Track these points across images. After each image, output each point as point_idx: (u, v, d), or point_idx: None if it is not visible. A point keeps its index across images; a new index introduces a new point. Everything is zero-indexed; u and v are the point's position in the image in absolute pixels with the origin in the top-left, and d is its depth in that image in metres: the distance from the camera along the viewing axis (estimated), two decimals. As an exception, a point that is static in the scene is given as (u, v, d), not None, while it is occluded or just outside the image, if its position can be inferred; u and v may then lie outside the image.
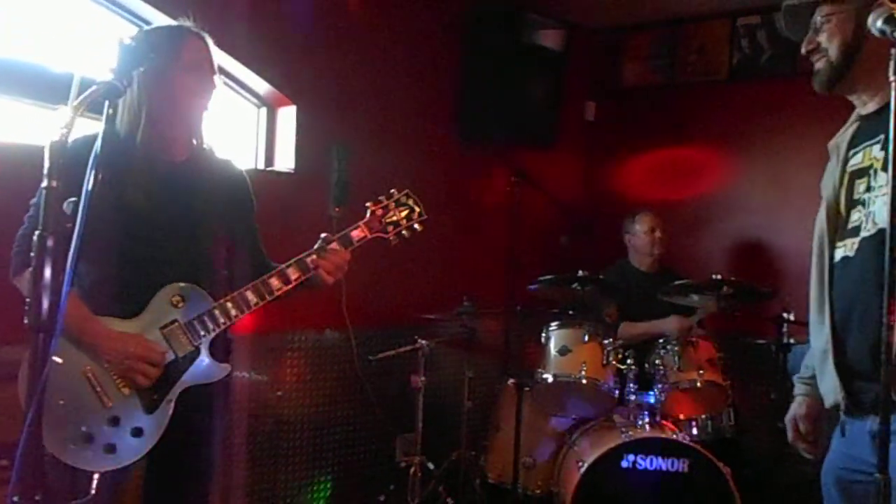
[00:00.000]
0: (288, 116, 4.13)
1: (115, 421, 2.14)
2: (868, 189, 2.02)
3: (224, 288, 2.32)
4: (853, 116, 2.17)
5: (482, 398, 4.32)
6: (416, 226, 2.53)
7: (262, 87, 4.04)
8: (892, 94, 1.60)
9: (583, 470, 3.53)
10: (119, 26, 3.57)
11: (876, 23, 1.66)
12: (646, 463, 3.54)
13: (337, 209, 4.15)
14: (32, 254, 1.39)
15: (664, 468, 3.54)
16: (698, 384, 3.77)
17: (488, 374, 4.45)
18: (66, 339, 2.11)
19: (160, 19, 3.42)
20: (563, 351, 3.84)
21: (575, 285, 3.92)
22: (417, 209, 2.53)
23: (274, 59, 3.96)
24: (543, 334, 3.96)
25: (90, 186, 1.35)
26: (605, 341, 3.84)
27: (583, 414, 3.92)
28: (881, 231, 1.93)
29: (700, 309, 3.89)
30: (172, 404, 2.21)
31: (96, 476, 2.13)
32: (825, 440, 2.25)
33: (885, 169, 1.96)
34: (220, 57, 2.37)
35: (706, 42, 5.00)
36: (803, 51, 2.09)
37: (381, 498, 4.21)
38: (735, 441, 4.05)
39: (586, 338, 3.83)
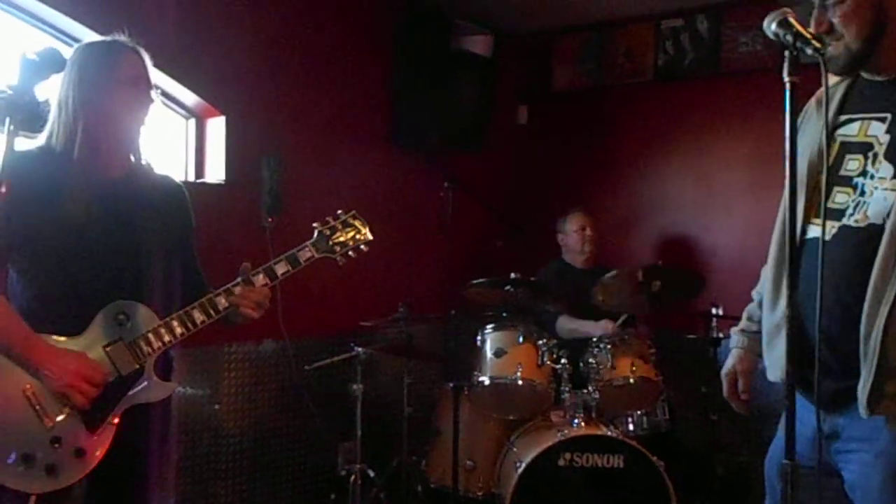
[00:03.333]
0: (217, 127, 4.10)
1: (56, 441, 2.11)
2: (863, 173, 1.90)
3: (167, 305, 2.30)
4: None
5: (422, 403, 4.32)
6: (363, 246, 2.52)
7: (189, 98, 4.01)
8: (787, 96, 1.66)
9: (520, 470, 3.57)
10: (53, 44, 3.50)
11: (770, 26, 1.68)
12: (582, 460, 3.60)
13: (270, 219, 4.14)
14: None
15: (600, 465, 3.60)
16: (631, 380, 3.84)
17: (427, 379, 4.47)
18: (5, 357, 2.09)
19: (90, 37, 3.36)
20: (498, 353, 3.88)
21: (508, 287, 3.97)
22: (364, 230, 2.53)
23: (201, 70, 3.93)
24: (479, 337, 4.00)
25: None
26: (540, 342, 3.89)
27: (520, 415, 3.97)
28: (872, 226, 1.84)
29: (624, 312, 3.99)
30: (116, 423, 2.19)
31: (33, 497, 2.09)
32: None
33: (889, 158, 1.86)
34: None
35: (632, 45, 5.10)
36: (813, 30, 1.84)
37: (323, 507, 4.20)
38: (670, 435, 4.13)
39: (521, 339, 3.88)
